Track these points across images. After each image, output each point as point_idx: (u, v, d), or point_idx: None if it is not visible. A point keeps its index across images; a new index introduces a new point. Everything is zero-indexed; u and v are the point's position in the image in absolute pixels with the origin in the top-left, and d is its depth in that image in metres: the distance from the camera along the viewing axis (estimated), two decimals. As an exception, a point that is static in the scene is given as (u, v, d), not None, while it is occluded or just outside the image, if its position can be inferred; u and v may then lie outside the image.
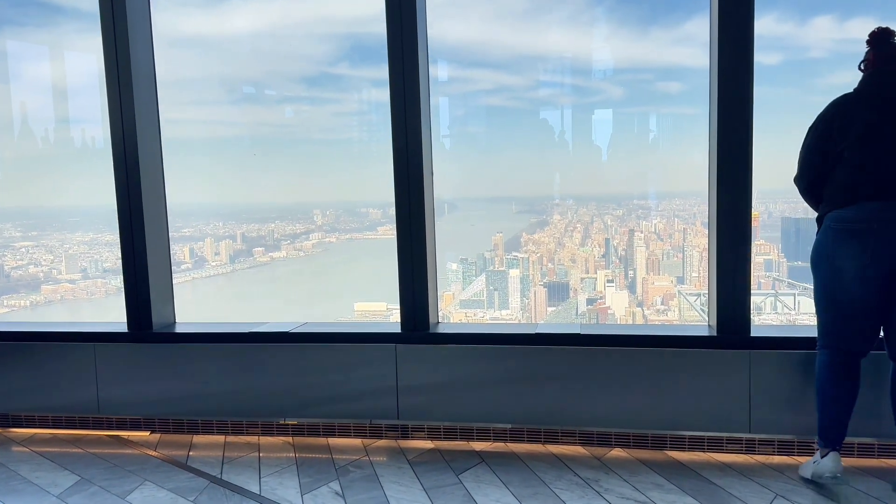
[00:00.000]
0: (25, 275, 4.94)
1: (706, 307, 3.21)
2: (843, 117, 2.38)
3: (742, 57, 2.81)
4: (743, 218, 2.90)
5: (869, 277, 2.39)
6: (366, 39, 3.94)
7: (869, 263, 2.37)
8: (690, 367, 2.92)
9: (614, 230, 4.58)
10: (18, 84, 4.45)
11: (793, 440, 2.90)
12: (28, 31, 4.40)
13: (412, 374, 3.15)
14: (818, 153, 2.45)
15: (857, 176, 2.38)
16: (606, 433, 3.06)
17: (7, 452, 3.22)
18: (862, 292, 2.42)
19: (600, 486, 2.71)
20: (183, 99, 4.12)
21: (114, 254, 4.66)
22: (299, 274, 4.93)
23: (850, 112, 2.37)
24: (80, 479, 2.92)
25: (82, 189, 4.46)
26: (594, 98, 4.01)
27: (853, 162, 2.37)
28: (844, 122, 2.36)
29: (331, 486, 2.79)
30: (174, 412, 3.34)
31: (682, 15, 3.66)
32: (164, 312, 3.47)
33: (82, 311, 4.84)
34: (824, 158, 2.44)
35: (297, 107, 4.57)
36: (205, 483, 2.85)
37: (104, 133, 3.40)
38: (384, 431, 3.24)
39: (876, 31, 2.46)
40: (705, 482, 2.72)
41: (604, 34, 3.99)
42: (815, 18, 3.12)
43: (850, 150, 2.36)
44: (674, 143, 3.93)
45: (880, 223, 2.33)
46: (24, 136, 4.47)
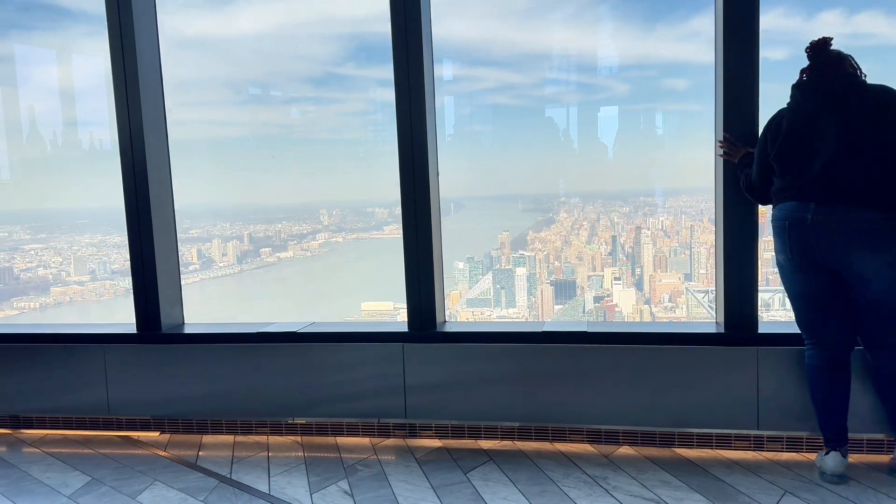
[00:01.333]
0: (34, 277, 4.97)
1: (714, 304, 3.19)
2: (773, 131, 2.60)
3: (747, 52, 2.80)
4: (750, 214, 2.90)
5: (801, 270, 2.59)
6: (371, 39, 3.94)
7: (793, 257, 2.57)
8: (698, 364, 2.92)
9: (621, 227, 4.57)
10: (27, 88, 4.48)
11: (802, 437, 2.89)
12: (36, 34, 4.43)
13: (420, 372, 3.16)
14: (759, 164, 2.67)
15: (780, 180, 2.60)
16: (614, 431, 3.05)
17: (18, 453, 3.25)
18: (804, 284, 2.61)
19: (608, 484, 2.71)
20: (189, 100, 4.14)
21: (122, 255, 4.69)
22: (306, 274, 4.95)
23: (776, 128, 2.59)
24: (91, 479, 2.94)
25: (90, 191, 4.49)
26: (600, 95, 4.00)
27: (777, 168, 2.59)
28: (774, 134, 2.59)
29: (339, 484, 2.80)
30: (183, 412, 3.36)
31: (687, 11, 3.64)
32: (173, 313, 3.49)
33: (91, 313, 4.87)
34: (764, 167, 2.65)
35: (303, 107, 4.58)
36: (214, 483, 2.86)
37: (111, 135, 3.42)
38: (392, 430, 3.25)
39: (813, 43, 2.56)
40: (713, 479, 2.71)
41: (608, 31, 3.98)
42: (823, 13, 3.11)
43: (775, 159, 2.58)
44: (680, 139, 3.92)
45: (791, 221, 2.54)
46: (33, 139, 4.51)
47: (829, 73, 2.51)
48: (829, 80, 2.50)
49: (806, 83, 2.56)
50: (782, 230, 2.58)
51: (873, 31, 3.03)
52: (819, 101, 2.50)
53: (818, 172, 2.47)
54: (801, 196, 2.52)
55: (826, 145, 2.46)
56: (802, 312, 2.67)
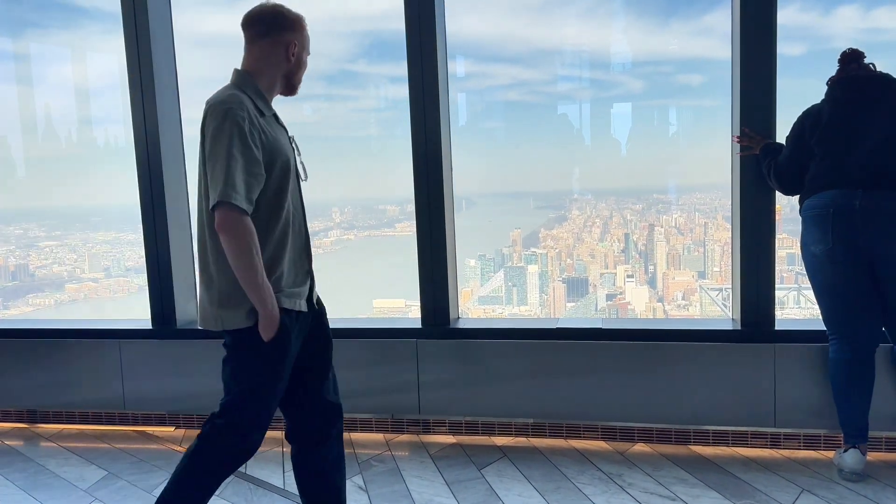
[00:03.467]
0: (49, 274, 5.01)
1: (728, 302, 3.18)
2: (812, 118, 2.60)
3: (765, 48, 2.78)
4: (766, 211, 2.88)
5: (839, 262, 2.55)
6: (384, 36, 3.94)
7: (833, 247, 2.54)
8: (714, 361, 2.90)
9: (634, 225, 4.55)
10: (43, 86, 4.51)
11: (819, 434, 2.87)
12: (51, 33, 4.46)
13: (433, 369, 3.16)
14: (794, 150, 2.66)
15: (819, 168, 2.58)
16: (629, 428, 3.04)
17: (35, 448, 3.28)
18: (838, 276, 2.57)
19: (623, 481, 2.70)
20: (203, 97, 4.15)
21: (136, 252, 4.72)
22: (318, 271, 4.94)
23: (817, 115, 2.60)
24: (108, 473, 2.96)
25: (105, 188, 4.51)
26: (613, 91, 3.99)
27: (818, 156, 2.58)
28: (813, 122, 2.59)
29: (354, 479, 2.81)
30: (198, 407, 3.38)
31: (702, 6, 3.62)
32: (188, 309, 3.50)
33: (105, 310, 4.90)
34: (801, 153, 2.64)
35: (315, 104, 4.58)
36: (229, 477, 2.87)
37: (126, 132, 3.44)
38: (406, 426, 3.25)
39: (847, 52, 2.62)
40: (730, 477, 2.70)
41: (622, 27, 3.96)
42: (840, 8, 3.09)
43: (818, 144, 2.58)
44: (694, 136, 3.90)
45: (836, 208, 2.50)
46: (49, 136, 4.54)
47: (863, 72, 2.58)
48: (870, 77, 2.55)
49: (845, 80, 2.59)
50: (824, 218, 2.54)
51: (891, 26, 3.01)
52: (860, 96, 2.54)
53: (867, 159, 2.48)
54: (846, 183, 2.50)
55: (872, 132, 2.49)
56: (831, 306, 2.64)
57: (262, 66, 1.92)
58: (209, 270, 1.86)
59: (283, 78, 1.96)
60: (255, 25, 1.92)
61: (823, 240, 2.55)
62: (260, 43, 1.91)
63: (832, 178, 2.53)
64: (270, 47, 1.91)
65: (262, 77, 1.92)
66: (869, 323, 2.61)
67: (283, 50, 1.92)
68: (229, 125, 1.74)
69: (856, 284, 2.57)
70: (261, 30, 1.91)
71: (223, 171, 1.72)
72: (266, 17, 1.92)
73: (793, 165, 2.65)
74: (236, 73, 1.92)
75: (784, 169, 2.68)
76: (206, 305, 1.88)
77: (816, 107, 2.63)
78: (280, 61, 1.93)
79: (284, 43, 1.92)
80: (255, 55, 1.92)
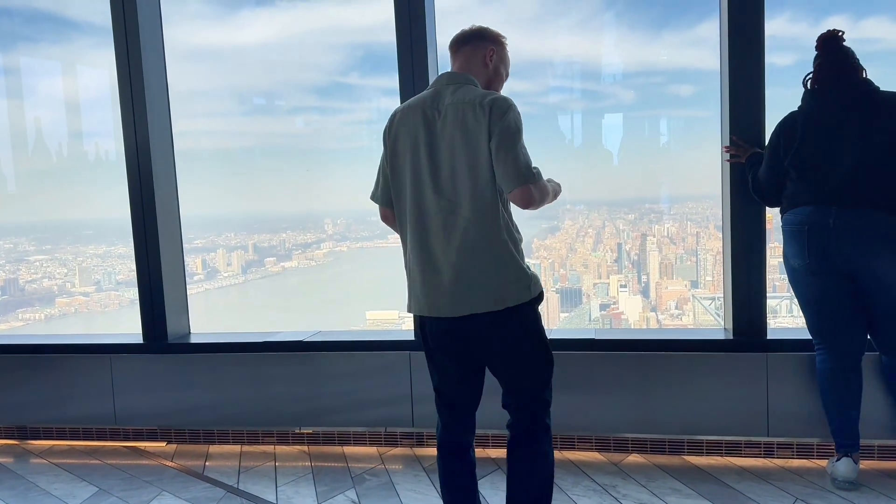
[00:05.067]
0: (40, 288, 4.98)
1: (721, 311, 3.18)
2: (787, 135, 2.58)
3: (753, 58, 2.80)
4: (757, 220, 2.89)
5: (816, 275, 2.57)
6: (376, 48, 3.96)
7: (810, 262, 2.55)
8: (707, 371, 2.90)
9: (626, 235, 4.56)
10: (33, 99, 4.51)
11: (812, 443, 2.87)
12: (42, 46, 4.46)
13: (427, 381, 3.13)
14: (770, 167, 2.65)
15: (795, 186, 2.59)
16: (623, 438, 3.04)
17: (25, 464, 3.24)
18: (819, 289, 2.59)
19: (618, 492, 2.69)
20: (194, 111, 4.16)
21: (127, 266, 4.70)
22: (311, 283, 4.94)
23: (791, 131, 2.58)
24: (99, 490, 2.93)
25: (95, 202, 4.50)
26: (605, 102, 4.01)
27: (794, 173, 2.58)
28: (788, 139, 2.58)
29: (347, 494, 2.78)
30: (190, 422, 3.35)
31: (693, 17, 3.66)
32: (179, 323, 3.48)
33: (96, 324, 4.87)
34: (776, 171, 2.64)
35: (308, 117, 4.59)
36: (221, 493, 2.85)
37: (117, 146, 3.43)
38: (399, 439, 3.23)
39: (825, 35, 2.58)
40: (724, 487, 2.69)
41: (614, 38, 3.99)
42: (829, 18, 3.12)
43: (791, 163, 2.57)
44: (686, 146, 3.92)
45: (810, 225, 2.52)
46: (39, 150, 4.53)
47: (841, 74, 2.53)
48: (843, 86, 2.52)
49: (819, 90, 2.57)
50: (800, 234, 2.56)
51: (880, 35, 3.04)
52: (836, 108, 2.51)
53: (842, 178, 2.48)
54: (821, 200, 2.51)
55: (847, 150, 2.47)
56: (815, 317, 2.66)
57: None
58: (498, 252, 1.95)
59: (484, 85, 2.13)
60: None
61: (801, 254, 2.57)
62: (465, 49, 2.13)
63: (807, 196, 2.55)
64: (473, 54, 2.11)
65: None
66: (853, 332, 2.61)
67: (482, 57, 2.11)
68: (518, 117, 1.96)
69: (837, 295, 2.58)
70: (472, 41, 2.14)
71: (524, 157, 1.92)
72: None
73: (769, 183, 2.67)
74: (466, 77, 2.06)
75: (763, 185, 2.70)
76: (493, 283, 1.95)
77: (791, 118, 2.60)
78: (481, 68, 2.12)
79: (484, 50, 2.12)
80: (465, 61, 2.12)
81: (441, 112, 1.98)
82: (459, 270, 1.95)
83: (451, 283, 1.96)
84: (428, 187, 1.98)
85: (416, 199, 2.01)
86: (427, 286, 2.00)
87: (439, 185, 1.97)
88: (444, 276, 1.97)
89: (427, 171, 1.98)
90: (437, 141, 1.98)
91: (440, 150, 1.97)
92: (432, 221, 1.98)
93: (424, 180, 1.98)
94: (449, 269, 1.96)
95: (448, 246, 1.96)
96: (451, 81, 2.03)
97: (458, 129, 1.94)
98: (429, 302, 2.01)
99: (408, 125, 2.03)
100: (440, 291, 1.98)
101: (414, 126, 2.01)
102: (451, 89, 2.01)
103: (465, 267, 1.95)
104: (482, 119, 1.91)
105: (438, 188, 1.97)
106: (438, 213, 1.97)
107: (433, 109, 2.00)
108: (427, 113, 2.00)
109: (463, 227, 1.95)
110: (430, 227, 1.99)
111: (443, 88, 2.02)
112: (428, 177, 1.98)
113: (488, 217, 1.94)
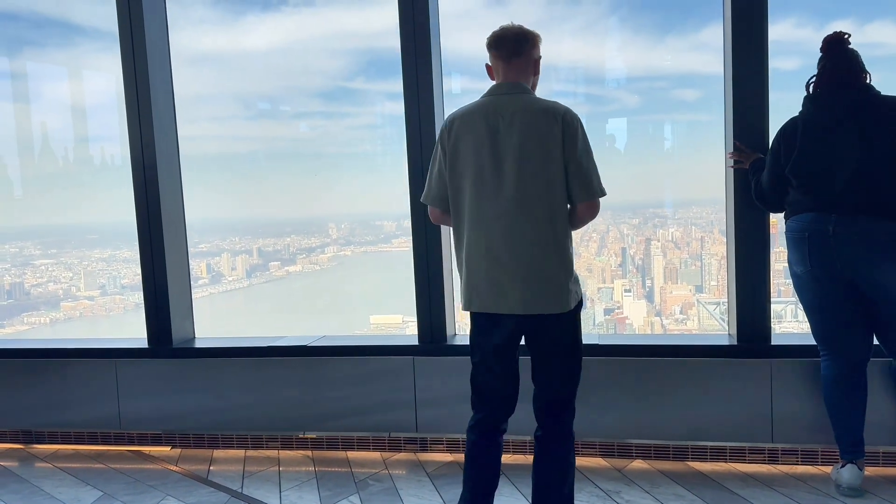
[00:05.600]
0: (45, 292, 5.00)
1: (726, 316, 3.17)
2: (787, 142, 2.57)
3: (756, 62, 2.80)
4: (760, 226, 2.89)
5: (820, 281, 2.57)
6: (381, 53, 3.96)
7: (812, 268, 2.56)
8: (711, 376, 2.89)
9: (631, 239, 4.55)
10: (39, 104, 4.53)
11: (817, 450, 2.86)
12: (48, 51, 4.48)
13: (430, 386, 3.14)
14: (771, 173, 2.65)
15: (795, 194, 2.59)
16: (627, 444, 3.03)
17: (30, 468, 3.25)
18: (822, 295, 2.59)
19: (621, 498, 2.68)
20: (199, 115, 4.17)
21: (131, 270, 4.71)
22: (315, 287, 4.94)
23: (791, 137, 2.56)
24: (103, 494, 2.93)
25: (100, 206, 4.51)
26: (609, 107, 4.00)
27: (794, 181, 2.57)
28: (788, 146, 2.57)
29: (350, 499, 2.79)
30: (194, 427, 3.36)
31: (697, 22, 3.65)
32: (184, 328, 3.49)
33: (101, 328, 4.88)
34: (777, 177, 2.63)
35: (313, 121, 4.60)
36: (226, 497, 2.85)
37: (122, 151, 3.45)
38: (403, 444, 3.23)
39: (830, 37, 2.56)
40: (728, 493, 2.68)
41: (618, 43, 3.99)
42: (834, 22, 3.10)
43: (791, 171, 2.56)
44: (690, 150, 3.91)
45: (811, 232, 2.52)
46: (45, 154, 4.54)
47: (844, 80, 2.51)
48: (845, 94, 2.50)
49: (820, 97, 2.55)
50: (801, 241, 2.56)
51: (884, 40, 3.03)
52: (835, 115, 2.50)
53: (842, 186, 2.47)
54: (821, 208, 2.51)
55: (847, 158, 2.46)
56: (819, 323, 2.65)
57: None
58: (563, 256, 2.11)
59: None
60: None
61: (803, 261, 2.58)
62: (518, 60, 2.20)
63: (808, 204, 2.54)
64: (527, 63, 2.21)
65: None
66: (857, 338, 2.60)
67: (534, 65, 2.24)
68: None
69: (840, 302, 2.57)
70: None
71: (596, 172, 2.13)
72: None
73: (771, 189, 2.67)
74: (522, 86, 2.16)
75: (765, 191, 2.70)
76: (558, 285, 2.09)
77: (792, 124, 2.59)
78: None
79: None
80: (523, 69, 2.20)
81: (506, 118, 2.07)
82: (530, 272, 2.07)
83: (523, 283, 2.07)
84: (493, 190, 2.08)
85: (478, 200, 2.10)
86: (494, 286, 2.10)
87: (506, 188, 2.06)
88: (515, 276, 2.07)
89: (492, 174, 2.08)
90: (502, 145, 2.07)
91: (506, 154, 2.07)
92: (499, 223, 2.07)
93: (488, 182, 2.09)
94: (519, 269, 2.07)
95: (517, 247, 2.06)
96: (510, 91, 2.14)
97: (529, 135, 2.05)
98: (496, 300, 2.11)
99: (469, 130, 2.12)
100: (510, 290, 2.08)
101: (476, 131, 2.10)
102: (511, 98, 2.11)
103: (535, 268, 2.07)
104: (556, 129, 2.04)
105: (505, 191, 2.06)
106: (505, 215, 2.07)
107: (496, 115, 2.09)
108: (490, 119, 2.09)
109: (533, 230, 2.06)
110: (496, 228, 2.08)
111: (502, 96, 2.13)
112: (493, 179, 2.08)
113: (558, 223, 2.08)
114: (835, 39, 2.55)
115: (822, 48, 2.57)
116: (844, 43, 2.54)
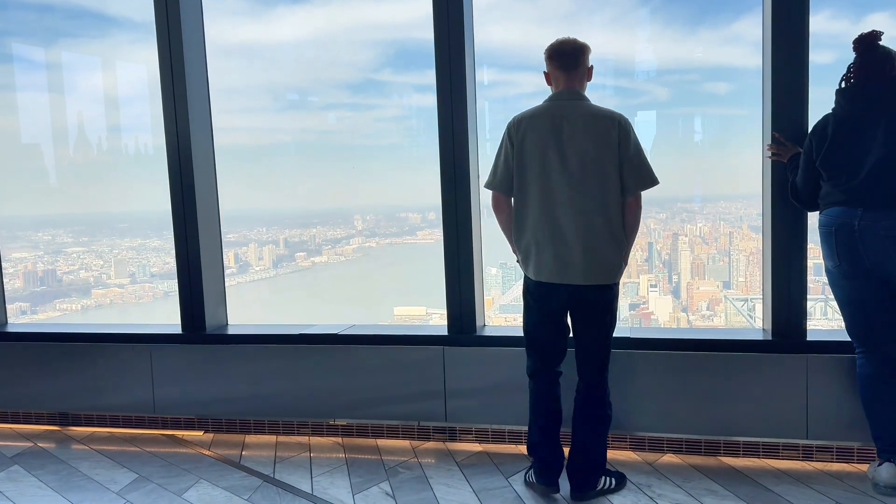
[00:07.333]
0: (76, 279, 5.08)
1: (753, 312, 3.15)
2: (819, 136, 2.58)
3: (796, 56, 2.77)
4: (797, 220, 2.86)
5: (851, 277, 2.56)
6: (409, 45, 3.98)
7: (841, 264, 2.56)
8: (745, 371, 2.88)
9: (657, 234, 4.52)
10: (74, 95, 4.59)
11: (853, 447, 2.83)
12: (82, 42, 4.55)
13: (460, 376, 3.16)
14: (805, 170, 2.67)
15: (827, 186, 2.59)
16: (658, 438, 3.02)
17: (68, 450, 3.32)
18: (854, 290, 2.58)
19: (653, 492, 2.68)
20: (230, 107, 4.21)
21: (161, 259, 4.78)
22: (340, 278, 4.98)
23: (822, 132, 2.58)
24: (138, 476, 2.99)
25: (132, 195, 4.58)
26: (638, 100, 3.98)
27: (825, 174, 2.58)
28: (819, 140, 2.58)
29: (381, 486, 2.81)
30: (227, 412, 3.41)
31: (730, 15, 3.61)
32: (217, 314, 3.54)
33: (131, 315, 4.96)
34: (810, 174, 2.64)
35: (341, 113, 4.62)
36: (258, 482, 2.89)
37: (154, 140, 3.49)
38: (432, 433, 3.25)
39: (861, 36, 2.53)
40: (761, 489, 2.67)
41: (649, 35, 3.96)
42: (871, 15, 3.06)
43: (821, 164, 2.57)
44: (720, 144, 3.88)
45: (837, 226, 2.53)
46: (80, 144, 4.61)
47: (873, 75, 2.49)
48: (873, 86, 2.49)
49: (849, 89, 2.55)
50: (829, 236, 2.55)
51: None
52: (863, 107, 2.49)
53: (865, 177, 2.45)
54: (848, 201, 2.50)
55: (873, 150, 2.44)
56: (853, 319, 2.63)
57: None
58: (617, 236, 2.53)
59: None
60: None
61: (831, 256, 2.58)
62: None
63: (836, 197, 2.53)
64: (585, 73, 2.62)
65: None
66: (891, 335, 2.57)
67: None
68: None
69: (873, 297, 2.55)
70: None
71: (647, 164, 2.53)
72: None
73: (805, 186, 2.66)
74: (580, 93, 2.57)
75: (800, 189, 2.69)
76: (611, 261, 2.54)
77: (824, 120, 2.58)
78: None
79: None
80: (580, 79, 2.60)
81: (570, 120, 2.49)
82: (589, 248, 2.49)
83: (583, 257, 2.48)
84: (559, 180, 2.48)
85: (545, 189, 2.51)
86: (559, 260, 2.51)
87: (570, 179, 2.47)
88: (576, 251, 2.49)
89: (557, 167, 2.48)
90: (566, 143, 2.48)
91: (570, 150, 2.48)
92: (564, 209, 2.49)
93: (554, 175, 2.49)
94: (581, 246, 2.49)
95: (580, 228, 2.48)
96: (571, 98, 2.54)
97: (591, 136, 2.47)
98: (560, 272, 2.52)
99: (536, 128, 2.52)
100: (573, 264, 2.50)
101: (543, 129, 2.51)
102: (573, 104, 2.52)
103: (593, 246, 2.49)
104: (613, 131, 2.46)
105: (569, 181, 2.47)
106: (570, 201, 2.48)
107: (560, 118, 2.50)
108: (555, 120, 2.50)
109: (593, 214, 2.48)
110: (560, 213, 2.49)
111: (564, 102, 2.53)
112: (558, 172, 2.48)
113: (612, 209, 2.50)
114: (864, 38, 2.53)
115: (854, 47, 2.56)
116: (875, 41, 2.52)
